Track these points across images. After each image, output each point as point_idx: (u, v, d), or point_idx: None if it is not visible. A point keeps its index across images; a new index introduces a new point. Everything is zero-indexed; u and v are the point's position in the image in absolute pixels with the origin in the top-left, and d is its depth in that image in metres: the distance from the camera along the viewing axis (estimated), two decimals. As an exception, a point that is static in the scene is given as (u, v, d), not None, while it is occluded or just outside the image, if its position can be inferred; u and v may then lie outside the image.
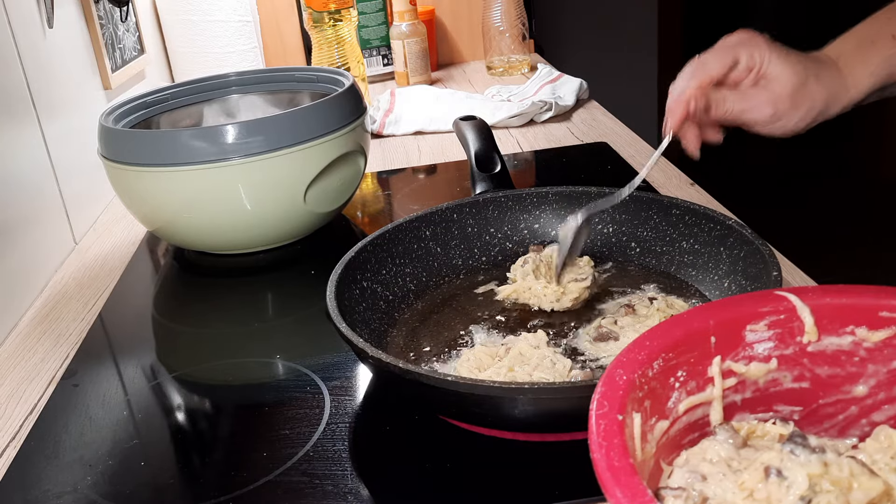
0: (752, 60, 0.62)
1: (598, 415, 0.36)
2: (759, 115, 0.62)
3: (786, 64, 0.61)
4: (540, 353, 0.58)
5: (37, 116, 0.92)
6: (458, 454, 0.53)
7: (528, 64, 1.59)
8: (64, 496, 0.54)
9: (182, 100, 0.97)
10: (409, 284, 0.72)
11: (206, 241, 0.87)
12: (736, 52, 0.62)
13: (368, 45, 1.63)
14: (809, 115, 0.62)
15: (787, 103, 0.62)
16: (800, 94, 0.62)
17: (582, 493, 0.48)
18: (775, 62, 0.62)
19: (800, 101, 0.62)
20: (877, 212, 2.55)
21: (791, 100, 0.61)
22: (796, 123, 0.63)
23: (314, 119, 0.81)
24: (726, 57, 0.62)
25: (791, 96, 0.61)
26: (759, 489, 0.37)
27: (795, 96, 0.61)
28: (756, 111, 0.62)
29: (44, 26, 0.98)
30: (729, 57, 0.62)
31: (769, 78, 0.62)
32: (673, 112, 0.63)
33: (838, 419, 0.45)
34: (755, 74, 0.62)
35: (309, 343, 0.71)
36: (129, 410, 0.63)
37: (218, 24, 1.45)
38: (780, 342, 0.44)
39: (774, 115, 0.62)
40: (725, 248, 0.67)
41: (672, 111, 0.63)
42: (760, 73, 0.62)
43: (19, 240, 0.83)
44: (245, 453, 0.56)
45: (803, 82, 0.61)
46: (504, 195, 0.77)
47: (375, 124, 1.28)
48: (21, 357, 0.74)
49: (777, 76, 0.61)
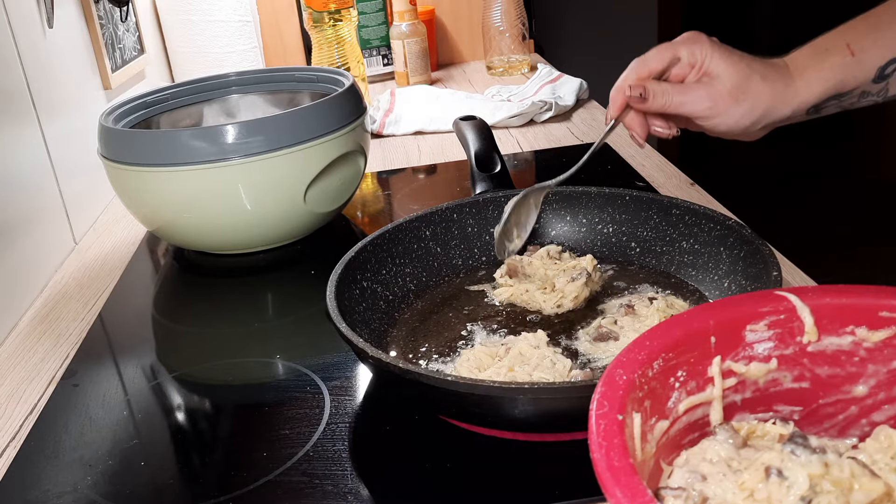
0: (693, 57, 0.64)
1: (598, 415, 0.36)
2: (697, 108, 0.64)
3: (728, 62, 0.63)
4: (540, 353, 0.58)
5: (37, 116, 0.92)
6: (458, 454, 0.53)
7: (528, 64, 1.59)
8: (64, 496, 0.54)
9: (182, 100, 0.97)
10: (409, 284, 0.72)
11: (206, 241, 0.87)
12: (676, 48, 0.65)
13: (368, 45, 1.63)
14: (752, 114, 0.63)
15: (726, 99, 0.63)
16: (740, 91, 0.63)
17: (582, 493, 0.48)
18: (717, 59, 0.63)
19: (741, 97, 0.63)
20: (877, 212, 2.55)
21: (731, 96, 0.63)
22: (737, 121, 0.64)
23: (314, 119, 0.81)
24: (666, 53, 0.65)
25: (731, 92, 0.63)
26: (760, 489, 0.37)
27: (735, 92, 0.63)
28: (694, 104, 0.64)
29: (44, 26, 0.98)
30: (669, 53, 0.65)
31: (711, 75, 0.64)
32: (613, 100, 0.67)
33: (838, 419, 0.45)
34: (697, 71, 0.64)
35: (309, 343, 0.71)
36: (129, 410, 0.63)
37: (218, 24, 1.45)
38: (780, 342, 0.44)
39: (713, 108, 0.63)
40: (725, 248, 0.67)
41: (612, 99, 0.67)
42: (702, 69, 0.64)
43: (19, 240, 0.83)
44: (245, 453, 0.56)
45: (745, 79, 0.63)
46: (504, 195, 0.77)
47: (375, 124, 1.28)
48: (21, 357, 0.74)
49: (719, 73, 0.63)
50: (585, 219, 0.77)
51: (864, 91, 0.64)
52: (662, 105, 0.64)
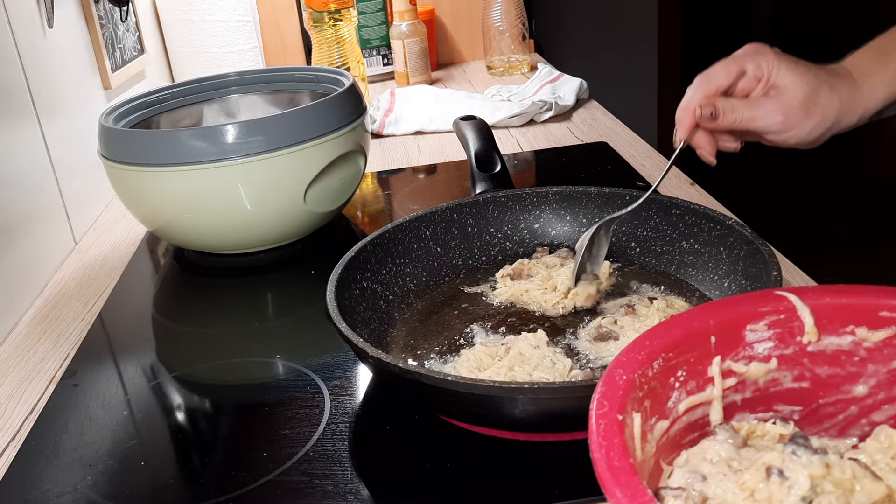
0: (759, 70, 0.62)
1: (598, 415, 0.36)
2: (769, 122, 0.62)
3: (795, 73, 0.62)
4: (540, 352, 0.58)
5: (37, 116, 0.92)
6: (458, 454, 0.53)
7: (528, 64, 1.59)
8: (64, 496, 0.54)
9: (182, 100, 0.97)
10: (409, 284, 0.72)
11: (206, 241, 0.87)
12: (742, 62, 0.63)
13: (368, 45, 1.63)
14: (823, 125, 0.62)
15: (798, 112, 0.62)
16: (811, 103, 0.61)
17: (582, 493, 0.48)
18: (784, 71, 0.62)
19: (812, 109, 0.62)
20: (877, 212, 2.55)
21: (802, 108, 0.61)
22: (809, 132, 0.63)
23: (314, 119, 0.81)
24: (732, 67, 0.63)
25: (802, 105, 0.61)
26: (761, 489, 0.37)
27: (807, 104, 0.61)
28: (766, 119, 0.62)
29: (44, 26, 0.98)
30: (734, 67, 0.63)
31: (779, 87, 0.62)
32: (681, 121, 0.64)
33: (838, 419, 0.45)
34: (764, 84, 0.63)
35: (309, 343, 0.71)
36: (129, 410, 0.63)
37: (218, 24, 1.45)
38: (780, 342, 0.44)
39: (785, 122, 0.62)
40: (725, 248, 0.67)
41: (680, 121, 0.64)
42: (770, 82, 0.62)
43: (19, 240, 0.83)
44: (245, 453, 0.56)
45: (815, 90, 0.61)
46: (504, 195, 0.77)
47: (375, 124, 1.28)
48: (21, 357, 0.74)
49: (787, 85, 0.62)
50: (585, 219, 0.77)
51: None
52: (733, 122, 0.62)
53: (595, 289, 0.68)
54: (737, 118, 0.62)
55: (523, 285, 0.70)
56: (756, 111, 0.62)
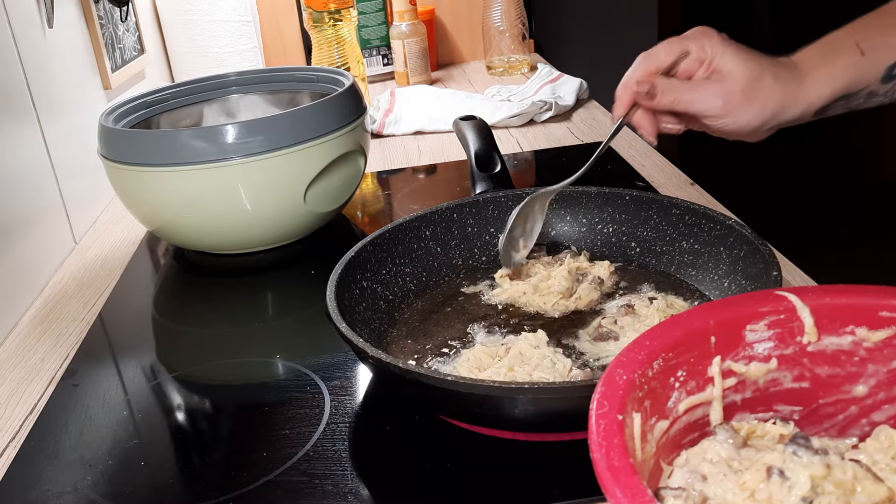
0: (703, 52, 0.62)
1: (598, 415, 0.36)
2: (708, 106, 0.62)
3: (739, 59, 0.61)
4: (540, 352, 0.58)
5: (37, 116, 0.92)
6: (458, 454, 0.53)
7: (528, 64, 1.59)
8: (64, 496, 0.54)
9: (182, 100, 0.97)
10: (409, 284, 0.72)
11: (206, 241, 0.87)
12: (686, 43, 0.63)
13: (368, 45, 1.63)
14: (763, 114, 0.61)
15: (738, 97, 0.61)
16: (753, 90, 0.61)
17: (582, 493, 0.48)
18: (728, 56, 0.61)
19: (752, 96, 0.61)
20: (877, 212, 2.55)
21: (743, 94, 0.61)
22: (749, 120, 0.62)
23: (314, 119, 0.81)
24: (675, 46, 0.63)
25: (743, 91, 0.61)
26: (761, 489, 0.37)
27: (748, 91, 0.61)
28: (705, 102, 0.61)
29: (44, 26, 0.98)
30: (678, 47, 0.63)
31: (722, 72, 0.61)
32: (619, 97, 0.64)
33: (838, 419, 0.45)
34: (707, 67, 0.62)
35: (309, 343, 0.71)
36: (129, 410, 0.63)
37: (218, 24, 1.45)
38: (780, 342, 0.44)
39: (724, 107, 0.61)
40: (725, 248, 0.67)
41: (618, 97, 0.64)
42: (713, 66, 0.62)
43: (19, 240, 0.83)
44: (245, 453, 0.56)
45: (757, 78, 0.61)
46: (504, 195, 0.77)
47: (375, 124, 1.28)
48: (21, 357, 0.74)
49: (730, 70, 0.61)
50: (585, 219, 0.77)
51: (872, 91, 0.62)
52: (671, 102, 0.62)
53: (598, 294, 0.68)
54: (675, 98, 0.62)
55: (522, 286, 0.70)
56: (695, 94, 0.62)
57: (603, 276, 0.69)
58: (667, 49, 0.63)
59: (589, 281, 0.68)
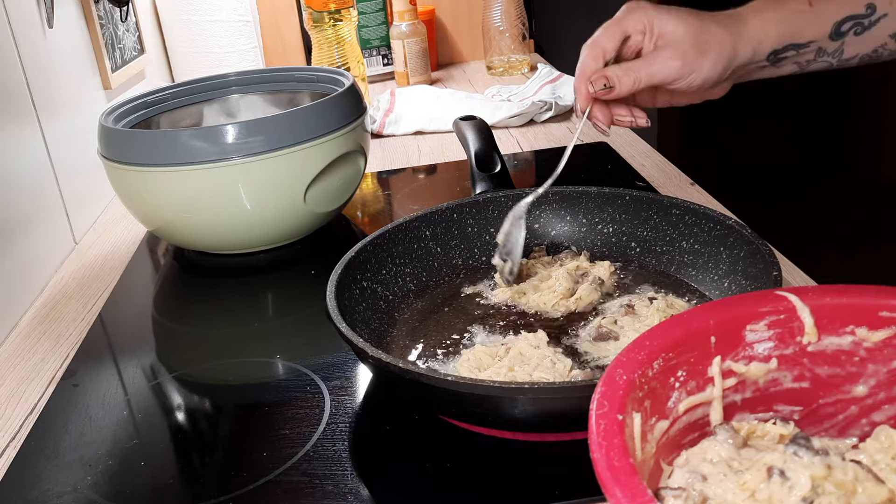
0: (640, 24, 0.62)
1: (598, 415, 0.36)
2: (668, 72, 0.62)
3: (677, 17, 0.62)
4: (540, 352, 0.58)
5: (37, 116, 0.92)
6: (458, 454, 0.53)
7: (528, 64, 1.59)
8: (64, 496, 0.54)
9: (182, 100, 0.97)
10: (409, 284, 0.72)
11: (206, 241, 0.87)
12: (622, 23, 0.63)
13: (368, 45, 1.63)
14: (721, 60, 0.62)
15: (692, 52, 0.61)
16: (702, 41, 0.61)
17: (582, 493, 0.48)
18: (665, 17, 0.62)
19: (704, 47, 0.61)
20: (877, 212, 2.55)
21: (695, 48, 0.61)
22: (710, 70, 0.62)
23: (314, 119, 0.81)
24: (614, 30, 0.63)
25: (694, 44, 0.61)
26: (761, 489, 0.37)
27: (698, 43, 0.61)
28: (665, 69, 0.62)
29: (44, 26, 0.98)
30: (617, 29, 0.63)
31: (665, 35, 0.62)
32: (579, 91, 0.65)
33: (838, 419, 0.45)
34: (651, 36, 0.63)
35: (309, 343, 0.71)
36: (129, 410, 0.63)
37: (218, 24, 1.45)
38: (780, 342, 0.44)
39: (683, 67, 0.62)
40: (725, 248, 0.67)
41: (578, 90, 0.65)
42: (656, 33, 0.62)
43: (19, 240, 0.83)
44: (245, 453, 0.56)
45: (702, 29, 0.61)
46: (504, 195, 0.77)
47: (375, 124, 1.28)
48: (21, 357, 0.74)
49: (672, 30, 0.62)
50: (585, 219, 0.77)
51: (821, 48, 0.63)
52: (633, 84, 0.62)
53: (599, 294, 0.68)
54: (636, 78, 0.62)
55: (522, 286, 0.70)
56: (653, 66, 0.62)
57: (603, 276, 0.70)
58: (608, 33, 0.63)
59: (589, 281, 0.68)
